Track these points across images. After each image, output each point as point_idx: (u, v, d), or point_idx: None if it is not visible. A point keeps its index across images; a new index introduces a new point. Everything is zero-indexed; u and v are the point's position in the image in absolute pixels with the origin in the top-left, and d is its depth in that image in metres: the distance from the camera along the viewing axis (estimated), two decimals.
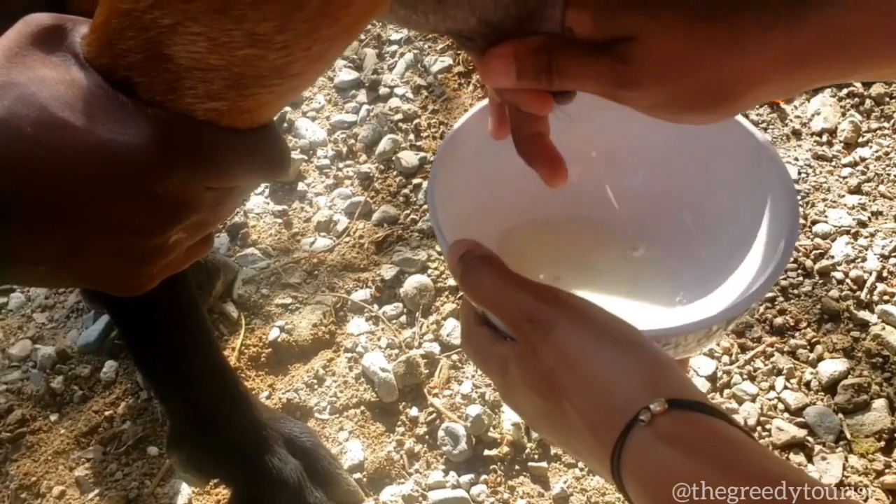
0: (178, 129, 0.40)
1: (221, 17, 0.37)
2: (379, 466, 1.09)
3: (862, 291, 1.17)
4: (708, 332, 0.55)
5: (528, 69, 0.48)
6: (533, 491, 1.05)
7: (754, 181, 0.61)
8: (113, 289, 0.45)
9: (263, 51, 0.38)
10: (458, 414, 1.12)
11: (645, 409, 0.42)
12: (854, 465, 1.03)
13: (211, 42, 0.37)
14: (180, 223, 0.43)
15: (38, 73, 0.38)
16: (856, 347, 1.12)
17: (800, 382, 1.11)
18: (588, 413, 0.44)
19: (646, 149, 0.67)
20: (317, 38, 0.39)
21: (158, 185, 0.40)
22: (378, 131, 1.45)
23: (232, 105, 0.40)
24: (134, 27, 0.38)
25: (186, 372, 0.94)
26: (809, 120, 1.37)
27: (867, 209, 1.26)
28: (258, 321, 1.25)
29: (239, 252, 1.33)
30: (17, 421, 1.18)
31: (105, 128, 0.38)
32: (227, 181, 0.44)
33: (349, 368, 1.18)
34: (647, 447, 0.41)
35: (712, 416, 0.42)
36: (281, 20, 0.37)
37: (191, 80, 0.39)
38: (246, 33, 0.37)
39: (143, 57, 0.38)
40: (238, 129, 0.42)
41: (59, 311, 1.32)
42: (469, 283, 0.50)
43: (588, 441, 0.44)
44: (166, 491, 1.10)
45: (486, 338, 0.52)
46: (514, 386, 0.49)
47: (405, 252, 1.29)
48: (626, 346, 0.45)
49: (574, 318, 0.46)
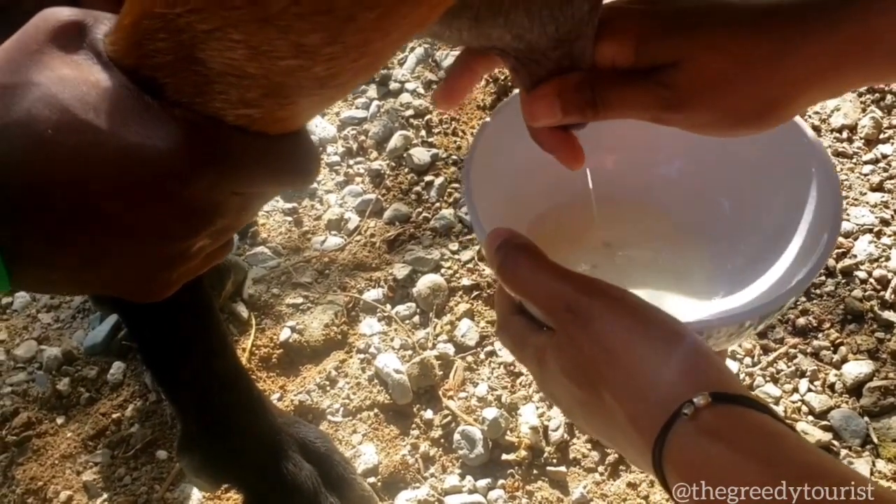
0: (205, 133, 0.38)
1: (266, 27, 0.34)
2: (393, 470, 1.07)
3: (886, 291, 1.15)
4: (740, 327, 0.54)
5: (572, 105, 0.49)
6: (552, 496, 1.03)
7: (796, 172, 0.60)
8: (131, 295, 0.43)
9: (309, 62, 0.36)
10: (473, 416, 1.09)
11: (688, 403, 0.41)
12: (881, 470, 1.01)
13: (251, 50, 0.35)
14: (205, 229, 0.41)
15: (59, 73, 0.36)
16: (880, 349, 1.10)
17: (824, 384, 1.08)
18: (629, 405, 0.44)
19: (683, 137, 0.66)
20: (366, 51, 0.37)
21: (185, 191, 0.38)
22: (389, 127, 1.42)
23: (266, 113, 0.38)
24: (167, 29, 0.35)
25: (199, 376, 0.92)
26: (829, 116, 1.35)
27: (890, 207, 1.24)
28: (269, 321, 1.22)
29: (249, 251, 1.30)
30: (23, 424, 1.15)
31: (130, 130, 0.36)
32: (255, 187, 0.42)
33: (362, 370, 1.16)
34: (690, 441, 0.41)
35: (756, 410, 0.42)
36: (330, 32, 0.35)
37: (223, 85, 0.37)
38: (291, 44, 0.35)
39: (174, 59, 0.36)
40: (268, 134, 0.40)
41: (64, 311, 1.29)
42: (507, 273, 0.50)
43: (629, 432, 0.44)
44: (176, 496, 1.08)
45: (522, 326, 0.51)
46: (551, 375, 0.48)
47: (418, 251, 1.27)
48: (667, 337, 0.45)
49: (614, 309, 0.46)
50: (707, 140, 0.65)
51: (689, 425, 0.41)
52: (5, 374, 1.22)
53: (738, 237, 0.65)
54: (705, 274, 0.65)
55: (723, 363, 0.46)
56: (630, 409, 0.44)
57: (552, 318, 0.48)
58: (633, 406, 0.44)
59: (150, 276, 0.42)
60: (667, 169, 0.68)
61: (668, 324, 0.46)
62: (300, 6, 0.34)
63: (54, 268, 0.38)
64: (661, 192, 0.67)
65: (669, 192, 0.67)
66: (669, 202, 0.67)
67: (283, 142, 0.41)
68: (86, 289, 0.48)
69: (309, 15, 0.34)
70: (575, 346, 0.46)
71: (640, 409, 0.43)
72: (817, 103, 0.50)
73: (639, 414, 0.43)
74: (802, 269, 0.55)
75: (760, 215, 0.64)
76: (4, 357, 1.24)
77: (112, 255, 0.39)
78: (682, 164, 0.67)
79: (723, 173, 0.65)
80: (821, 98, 0.50)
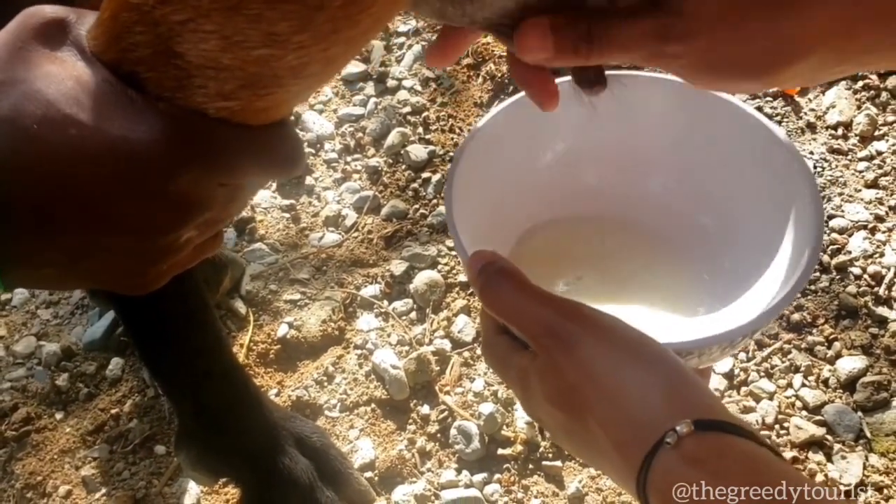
0: (189, 126, 0.38)
1: (236, 16, 0.35)
2: (390, 465, 1.07)
3: (880, 287, 1.15)
4: (732, 343, 0.54)
5: (566, 40, 0.45)
6: (547, 490, 1.04)
7: (778, 187, 0.60)
8: (120, 288, 0.44)
9: (280, 51, 0.37)
10: (470, 412, 1.10)
11: (671, 432, 0.41)
12: (874, 465, 1.01)
13: (224, 41, 0.36)
14: (192, 221, 0.42)
15: (43, 69, 0.37)
16: (874, 344, 1.11)
17: (818, 380, 1.09)
18: (613, 431, 0.44)
19: (667, 151, 0.66)
20: (336, 39, 0.38)
21: (170, 184, 0.38)
22: (386, 124, 1.43)
23: (245, 105, 0.39)
24: (143, 22, 0.36)
25: (195, 371, 0.92)
26: (824, 113, 1.35)
27: (884, 203, 1.24)
28: (266, 317, 1.23)
29: (247, 247, 1.31)
30: (23, 419, 1.16)
31: (115, 124, 0.37)
32: (240, 178, 0.43)
33: (359, 365, 1.17)
34: (673, 470, 0.41)
35: (739, 436, 0.42)
36: (300, 20, 0.36)
37: (201, 79, 0.37)
38: (262, 33, 0.36)
39: (152, 52, 0.37)
40: (251, 125, 0.41)
41: (63, 308, 1.30)
42: (489, 297, 0.50)
43: (613, 459, 0.44)
44: (174, 490, 1.09)
45: (506, 347, 0.51)
46: (535, 399, 0.48)
47: (415, 247, 1.27)
48: (650, 363, 0.45)
49: (597, 334, 0.46)
50: (691, 154, 0.65)
51: (672, 454, 0.41)
52: (4, 370, 1.22)
53: (722, 252, 0.64)
54: (689, 289, 0.64)
55: (707, 387, 0.46)
56: (614, 435, 0.44)
57: (536, 344, 0.48)
58: (618, 433, 0.44)
59: (140, 269, 0.43)
60: (650, 184, 0.67)
61: (651, 349, 0.46)
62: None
63: (43, 264, 0.39)
64: (644, 207, 0.67)
65: (652, 208, 0.67)
66: (652, 218, 0.67)
67: (265, 132, 0.41)
68: (77, 283, 0.48)
69: (277, 3, 0.35)
70: (558, 371, 0.46)
71: (624, 436, 0.43)
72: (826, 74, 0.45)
73: (623, 441, 0.43)
74: (787, 284, 0.55)
75: (743, 230, 0.63)
76: (4, 353, 1.25)
77: (100, 249, 0.39)
78: (665, 179, 0.67)
79: (705, 189, 0.65)
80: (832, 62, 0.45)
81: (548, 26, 0.45)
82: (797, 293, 0.53)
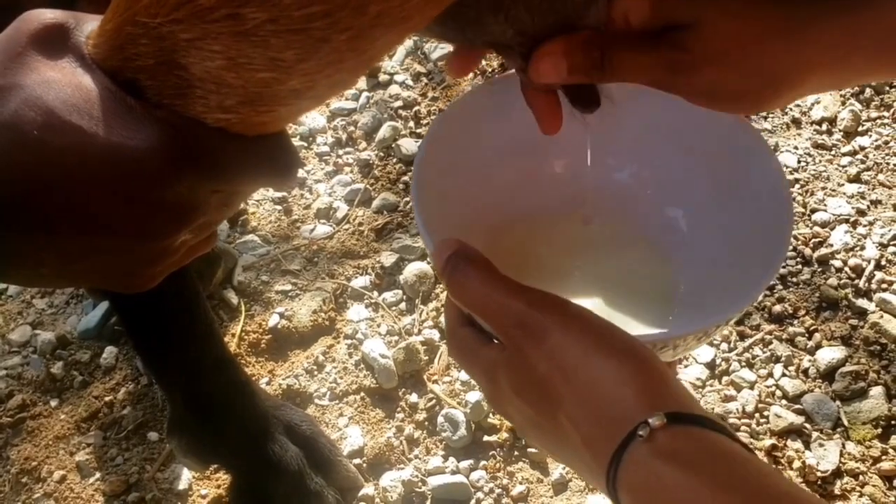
0: (187, 134, 0.39)
1: (243, 41, 0.36)
2: (379, 452, 1.09)
3: (860, 280, 1.18)
4: (706, 332, 0.54)
5: (579, 65, 0.47)
6: (532, 476, 1.06)
7: (745, 174, 0.60)
8: (115, 287, 0.45)
9: (284, 76, 0.37)
10: (457, 400, 1.12)
11: (643, 424, 0.40)
12: (851, 452, 1.03)
13: (229, 61, 0.36)
14: (187, 226, 0.42)
15: (43, 76, 0.37)
16: (854, 335, 1.13)
17: (798, 370, 1.11)
18: (584, 426, 0.43)
19: (634, 141, 0.65)
20: (341, 67, 0.38)
21: (167, 191, 0.39)
22: (378, 118, 1.45)
23: (244, 118, 0.40)
24: (149, 36, 0.37)
25: (187, 361, 0.94)
26: (809, 109, 1.38)
27: (866, 198, 1.26)
28: (258, 307, 1.25)
29: (239, 239, 1.33)
30: (18, 406, 1.18)
31: (113, 132, 0.37)
32: (236, 187, 0.43)
33: (349, 355, 1.19)
34: (645, 463, 0.40)
35: (712, 430, 0.41)
36: (305, 50, 0.36)
37: (202, 91, 0.38)
38: (267, 58, 0.36)
39: (155, 63, 0.37)
40: (249, 135, 0.41)
41: (58, 297, 1.32)
42: (455, 286, 0.48)
43: (583, 454, 0.43)
44: (167, 476, 1.11)
45: (472, 340, 0.49)
46: (503, 393, 0.47)
47: (405, 239, 1.29)
48: (623, 356, 0.43)
49: (568, 326, 0.44)
50: (657, 146, 0.64)
51: (644, 447, 0.40)
52: (0, 358, 1.24)
53: (693, 241, 0.64)
54: (660, 280, 0.64)
55: (679, 381, 0.45)
56: (585, 430, 0.42)
57: (504, 335, 0.46)
58: (588, 428, 0.42)
59: (135, 271, 0.43)
60: (618, 174, 0.67)
61: (624, 342, 0.45)
62: (276, 24, 0.35)
63: (40, 264, 0.40)
64: (613, 198, 0.66)
65: (621, 199, 0.66)
66: (621, 209, 0.66)
67: (263, 143, 0.42)
68: (72, 283, 0.49)
69: (284, 33, 0.35)
70: (527, 363, 0.45)
71: (594, 432, 0.42)
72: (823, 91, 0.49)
73: (594, 436, 0.42)
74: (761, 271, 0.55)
75: (714, 219, 0.63)
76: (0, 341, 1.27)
77: (96, 252, 0.40)
78: (633, 169, 0.66)
79: (674, 178, 0.65)
80: (830, 84, 0.49)
81: (561, 53, 0.47)
82: (771, 280, 0.53)
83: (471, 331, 0.50)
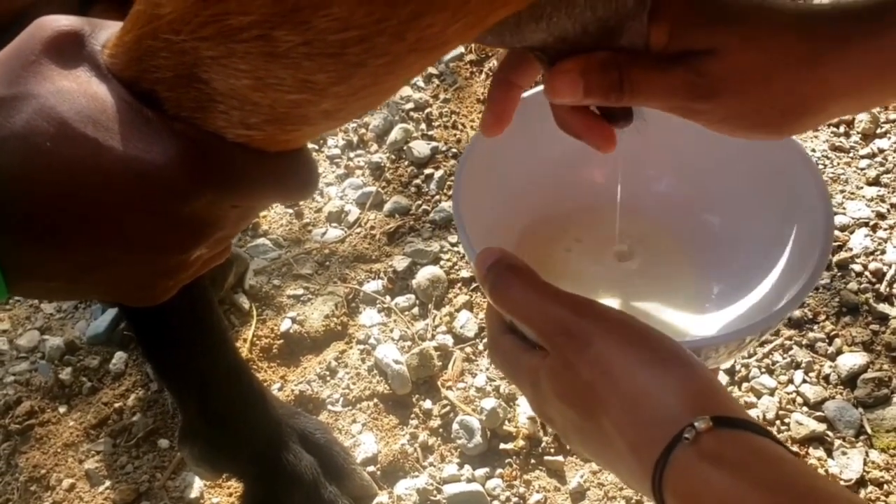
0: (205, 149, 0.37)
1: (273, 62, 0.34)
2: (393, 460, 1.08)
3: (881, 284, 1.16)
4: (740, 344, 0.54)
5: (595, 85, 0.46)
6: (549, 485, 1.04)
7: (784, 185, 0.60)
8: (128, 300, 0.43)
9: (316, 98, 0.36)
10: (472, 407, 1.10)
11: (689, 427, 0.40)
12: (875, 460, 1.02)
13: (257, 81, 0.35)
14: (205, 241, 0.41)
15: (57, 85, 0.36)
16: (875, 341, 1.11)
17: (819, 376, 1.10)
18: (629, 431, 0.43)
19: (672, 150, 0.66)
20: (374, 90, 0.37)
21: (184, 206, 0.37)
22: (389, 120, 1.43)
23: (268, 136, 0.38)
24: (170, 50, 0.35)
25: (199, 370, 0.93)
26: None
27: (886, 201, 1.25)
28: (270, 312, 1.23)
29: (250, 242, 1.31)
30: (26, 413, 1.16)
31: (129, 144, 0.36)
32: (255, 202, 0.42)
33: (362, 360, 1.17)
34: (691, 466, 0.40)
35: (757, 434, 0.41)
36: (339, 74, 0.35)
37: (225, 106, 0.36)
38: (298, 80, 0.35)
39: (175, 76, 0.36)
40: (269, 151, 0.40)
41: (67, 302, 1.30)
42: (499, 295, 0.49)
43: (628, 459, 0.43)
44: (177, 484, 1.09)
45: (514, 346, 0.50)
46: (546, 398, 0.47)
47: (417, 243, 1.28)
48: (667, 362, 0.44)
49: (612, 332, 0.45)
50: (696, 156, 0.65)
51: (690, 450, 0.40)
52: (8, 364, 1.23)
53: (728, 250, 0.64)
54: (695, 287, 0.64)
55: (723, 386, 0.45)
56: (630, 436, 0.43)
57: (548, 342, 0.46)
58: (634, 433, 0.42)
59: (149, 284, 0.42)
60: (656, 183, 0.67)
61: (666, 346, 0.45)
62: (310, 47, 0.34)
63: (51, 277, 0.38)
64: (650, 205, 0.67)
65: (658, 206, 0.67)
66: (658, 216, 0.66)
67: (283, 159, 0.40)
68: (84, 295, 0.48)
69: (317, 56, 0.34)
70: (572, 369, 0.45)
71: (640, 437, 0.42)
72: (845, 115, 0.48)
73: (639, 441, 0.42)
74: (796, 282, 0.54)
75: (750, 229, 0.63)
76: (7, 347, 1.25)
77: (109, 266, 0.39)
78: (672, 179, 0.67)
79: (711, 187, 0.65)
80: (850, 109, 0.49)
81: (578, 72, 0.46)
82: (807, 294, 0.53)
83: (513, 338, 0.50)
